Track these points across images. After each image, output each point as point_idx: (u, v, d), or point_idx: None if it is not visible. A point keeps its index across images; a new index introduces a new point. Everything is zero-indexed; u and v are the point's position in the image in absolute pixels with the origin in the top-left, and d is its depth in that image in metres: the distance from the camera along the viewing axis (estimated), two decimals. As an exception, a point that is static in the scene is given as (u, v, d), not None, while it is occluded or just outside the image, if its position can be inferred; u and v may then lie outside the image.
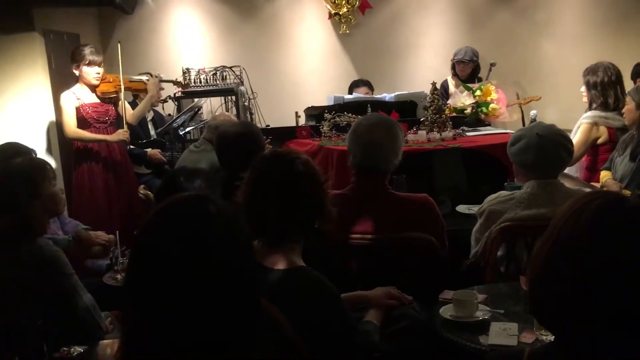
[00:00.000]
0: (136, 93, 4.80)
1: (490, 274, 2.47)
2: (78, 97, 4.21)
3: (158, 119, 5.13)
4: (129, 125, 4.37)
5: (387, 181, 2.54)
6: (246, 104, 4.98)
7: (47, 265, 2.19)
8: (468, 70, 5.47)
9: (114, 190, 4.33)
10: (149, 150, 4.79)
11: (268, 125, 4.71)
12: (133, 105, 4.64)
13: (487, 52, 5.72)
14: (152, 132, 5.03)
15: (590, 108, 3.81)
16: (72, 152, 4.33)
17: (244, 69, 5.00)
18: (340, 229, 2.35)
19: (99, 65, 4.23)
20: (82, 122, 4.22)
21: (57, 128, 4.62)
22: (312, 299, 1.68)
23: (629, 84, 4.51)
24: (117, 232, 2.95)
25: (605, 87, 3.73)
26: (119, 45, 4.40)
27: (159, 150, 4.83)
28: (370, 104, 4.10)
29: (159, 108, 5.24)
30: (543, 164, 2.48)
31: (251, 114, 5.03)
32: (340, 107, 4.19)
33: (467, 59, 5.41)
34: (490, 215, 2.51)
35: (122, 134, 4.24)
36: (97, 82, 4.25)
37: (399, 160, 2.53)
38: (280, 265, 1.74)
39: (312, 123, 4.30)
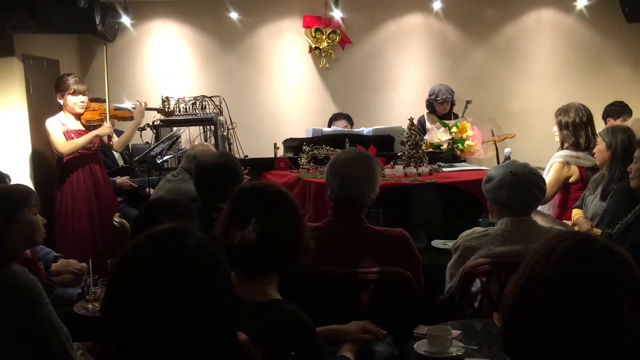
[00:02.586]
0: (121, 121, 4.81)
1: (464, 310, 2.49)
2: (63, 123, 4.21)
3: None
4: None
5: (364, 215, 2.56)
6: (225, 134, 5.00)
7: (21, 293, 2.11)
8: (448, 107, 5.56)
9: (97, 214, 4.30)
10: (118, 178, 4.77)
11: (246, 156, 4.73)
12: None
13: (463, 90, 5.83)
14: (118, 158, 5.04)
15: (562, 147, 3.89)
16: (56, 176, 4.30)
17: (223, 99, 5.03)
18: (317, 262, 2.36)
19: (84, 94, 4.24)
20: None
21: (32, 153, 4.58)
22: (287, 332, 1.67)
23: (599, 124, 4.64)
24: (90, 260, 2.90)
25: (576, 128, 3.82)
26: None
27: (128, 177, 4.81)
28: (349, 138, 4.15)
29: (136, 136, 5.23)
30: (517, 201, 2.52)
31: (230, 144, 5.04)
32: (318, 139, 4.23)
33: (449, 98, 5.51)
34: (464, 251, 2.54)
35: (107, 128, 4.27)
36: (81, 111, 4.25)
37: (376, 194, 2.55)
38: (257, 298, 1.74)
39: (291, 155, 4.33)
